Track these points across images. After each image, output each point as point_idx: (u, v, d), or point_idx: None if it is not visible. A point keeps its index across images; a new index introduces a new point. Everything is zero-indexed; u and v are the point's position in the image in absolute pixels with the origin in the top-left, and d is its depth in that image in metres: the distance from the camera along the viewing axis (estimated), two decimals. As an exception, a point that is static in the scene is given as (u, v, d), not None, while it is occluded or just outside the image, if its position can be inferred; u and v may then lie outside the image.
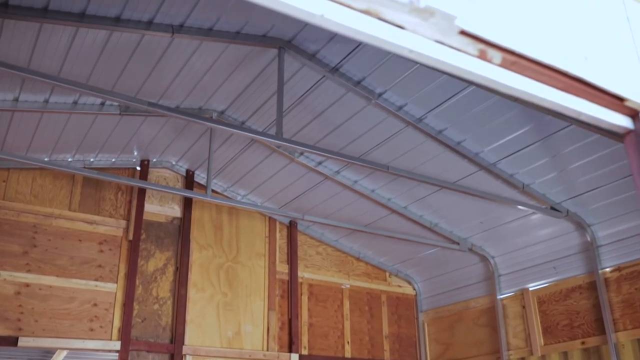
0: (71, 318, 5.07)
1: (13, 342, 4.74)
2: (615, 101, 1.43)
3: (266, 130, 5.06)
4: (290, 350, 5.99)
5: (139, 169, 5.80)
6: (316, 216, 5.93)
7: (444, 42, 1.20)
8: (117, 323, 5.24)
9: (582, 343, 5.22)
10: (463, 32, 1.20)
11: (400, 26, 1.15)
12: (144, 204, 5.69)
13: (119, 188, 5.69)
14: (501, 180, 4.97)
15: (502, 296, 6.04)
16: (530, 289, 5.77)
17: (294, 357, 5.97)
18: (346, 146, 5.08)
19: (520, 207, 5.14)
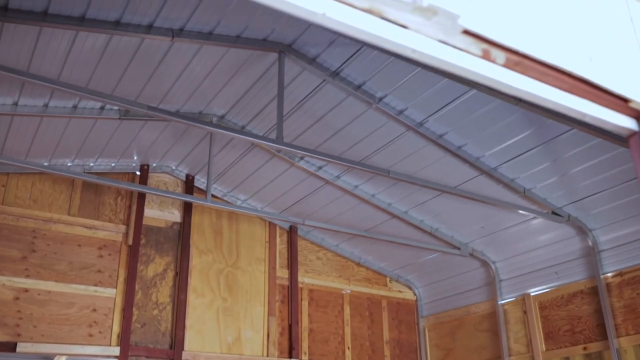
0: (70, 323, 5.04)
1: (11, 347, 4.72)
2: (620, 102, 1.41)
3: (266, 134, 5.05)
4: (291, 356, 5.96)
5: (138, 173, 5.79)
6: (316, 221, 5.91)
7: (447, 41, 1.19)
8: (116, 328, 5.21)
9: (584, 349, 5.19)
10: (466, 32, 1.18)
11: (403, 25, 1.14)
12: (144, 209, 5.67)
13: (118, 193, 5.67)
14: (502, 184, 4.95)
15: (503, 301, 6.01)
16: (532, 294, 5.74)
17: (294, 362, 5.95)
18: (346, 151, 5.06)
19: (521, 211, 5.12)
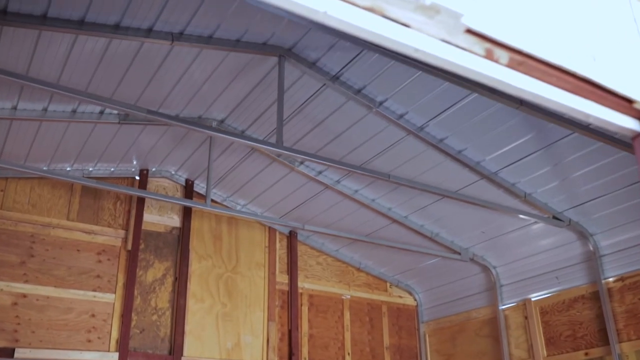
0: (69, 329, 5.01)
1: (9, 353, 4.69)
2: (624, 103, 1.40)
3: (266, 139, 5.03)
4: (290, 362, 5.93)
5: (138, 178, 5.77)
6: (316, 226, 5.89)
7: (449, 41, 1.17)
8: (115, 334, 5.18)
9: (586, 354, 5.16)
10: (469, 31, 1.17)
11: (405, 24, 1.12)
12: (143, 214, 5.65)
13: (117, 198, 5.65)
14: (503, 189, 4.93)
15: (504, 307, 5.98)
16: (533, 299, 5.71)
17: (294, 368, 5.91)
18: (347, 155, 5.05)
19: (522, 216, 5.10)
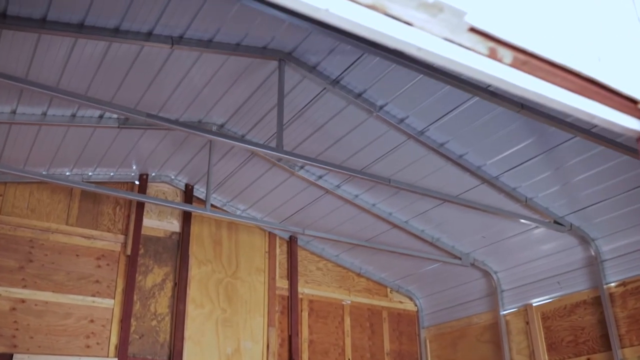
0: (67, 334, 4.98)
1: (8, 359, 4.65)
2: (629, 104, 1.38)
3: (266, 143, 5.01)
4: (290, 368, 5.89)
5: (137, 183, 5.75)
6: (317, 231, 5.87)
7: (453, 39, 1.16)
8: (114, 340, 5.15)
9: (588, 359, 5.13)
10: (473, 29, 1.15)
11: (408, 22, 1.11)
12: (143, 219, 5.63)
13: (117, 202, 5.63)
14: (504, 193, 4.91)
15: (505, 312, 5.95)
16: (534, 304, 5.68)
17: (294, 374, 5.88)
18: (347, 159, 5.03)
19: (522, 221, 5.08)
